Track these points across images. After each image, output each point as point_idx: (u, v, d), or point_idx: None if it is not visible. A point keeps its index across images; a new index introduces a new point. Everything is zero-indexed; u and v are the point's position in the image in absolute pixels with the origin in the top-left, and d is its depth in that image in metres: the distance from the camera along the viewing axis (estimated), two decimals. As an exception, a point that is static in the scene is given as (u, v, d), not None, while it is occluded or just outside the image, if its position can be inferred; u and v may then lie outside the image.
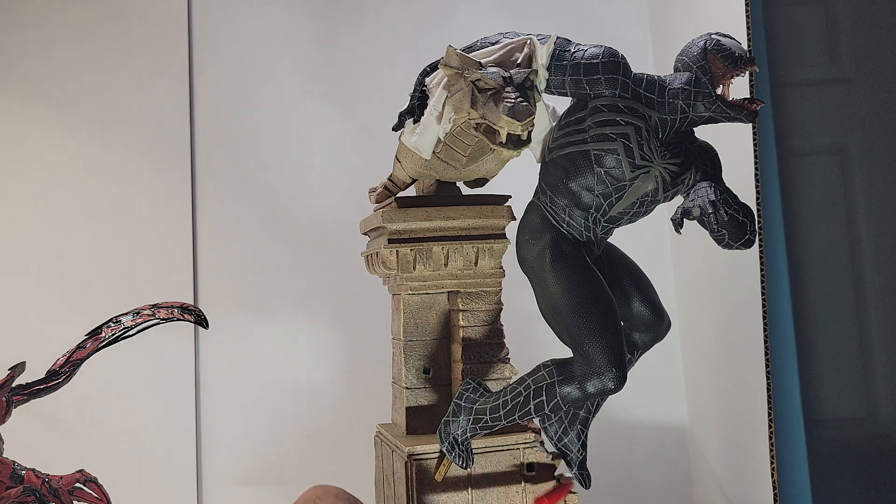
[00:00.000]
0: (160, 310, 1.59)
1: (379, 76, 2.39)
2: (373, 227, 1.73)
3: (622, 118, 1.33)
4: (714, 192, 1.32)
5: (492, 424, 1.45)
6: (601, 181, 1.36)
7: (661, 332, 1.57)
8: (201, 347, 2.24)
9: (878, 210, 1.83)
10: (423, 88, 1.46)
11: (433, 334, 1.67)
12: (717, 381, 2.14)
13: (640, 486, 2.36)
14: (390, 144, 1.72)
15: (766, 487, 1.72)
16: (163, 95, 2.32)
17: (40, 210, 2.23)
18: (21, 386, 1.54)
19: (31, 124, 2.26)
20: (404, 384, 1.64)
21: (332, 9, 2.43)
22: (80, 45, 2.29)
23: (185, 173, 2.31)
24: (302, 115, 2.39)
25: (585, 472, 1.59)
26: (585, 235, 1.43)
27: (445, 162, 1.53)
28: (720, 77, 1.32)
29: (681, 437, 2.39)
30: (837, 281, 1.84)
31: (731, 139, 1.68)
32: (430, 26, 2.43)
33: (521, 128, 1.21)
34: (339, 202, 2.33)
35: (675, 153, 1.37)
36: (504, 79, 1.25)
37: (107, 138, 2.28)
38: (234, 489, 2.21)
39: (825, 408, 1.82)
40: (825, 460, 1.75)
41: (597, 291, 1.37)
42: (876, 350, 1.81)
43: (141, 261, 2.25)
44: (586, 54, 1.34)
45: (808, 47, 1.90)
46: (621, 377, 1.32)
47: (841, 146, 1.87)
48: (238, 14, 2.39)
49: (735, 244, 1.36)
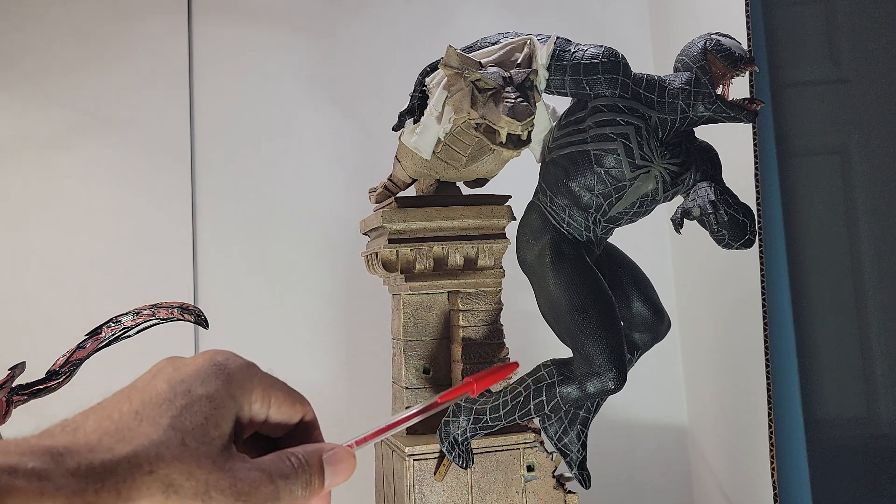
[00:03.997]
0: (160, 310, 1.59)
1: (379, 76, 2.39)
2: (373, 227, 1.73)
3: (622, 118, 1.33)
4: (714, 192, 1.32)
5: (492, 424, 1.45)
6: (601, 181, 1.36)
7: (661, 332, 1.57)
8: (201, 347, 2.24)
9: (878, 210, 1.83)
10: (423, 88, 1.46)
11: (433, 334, 1.67)
12: (717, 381, 2.14)
13: (640, 486, 2.36)
14: (390, 144, 1.72)
15: (766, 487, 1.72)
16: (163, 95, 2.32)
17: (40, 210, 2.23)
18: (21, 386, 1.53)
19: (31, 124, 2.26)
20: (404, 384, 1.64)
21: (332, 9, 2.43)
22: (80, 45, 2.29)
23: (185, 173, 2.31)
24: (302, 115, 2.39)
25: (585, 472, 1.59)
26: (585, 235, 1.43)
27: (445, 162, 1.53)
28: (720, 77, 1.32)
29: (681, 437, 2.38)
30: (837, 281, 1.84)
31: (731, 139, 1.68)
32: (430, 26, 2.43)
33: (521, 128, 1.21)
34: (339, 202, 2.33)
35: (675, 153, 1.37)
36: (504, 79, 1.25)
37: (107, 138, 2.28)
38: (234, 489, 2.21)
39: (825, 408, 1.82)
40: (825, 460, 1.75)
41: (597, 291, 1.37)
42: (876, 350, 1.81)
43: (141, 261, 2.25)
44: (586, 54, 1.34)
45: (808, 47, 1.90)
46: (621, 377, 1.32)
47: (841, 146, 1.87)
48: (238, 14, 2.39)
49: (735, 244, 1.36)
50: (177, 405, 0.35)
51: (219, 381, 0.37)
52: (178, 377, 0.37)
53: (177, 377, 0.37)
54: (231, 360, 0.39)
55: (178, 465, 0.33)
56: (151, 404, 0.35)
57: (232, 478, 0.34)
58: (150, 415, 0.35)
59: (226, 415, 0.36)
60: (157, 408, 0.35)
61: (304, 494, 0.37)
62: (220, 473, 0.34)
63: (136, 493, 0.32)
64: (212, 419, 0.36)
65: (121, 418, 0.35)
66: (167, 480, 0.33)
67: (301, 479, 0.37)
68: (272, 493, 0.36)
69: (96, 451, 0.33)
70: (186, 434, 0.34)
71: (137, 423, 0.34)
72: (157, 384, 0.37)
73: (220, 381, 0.37)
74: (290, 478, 0.37)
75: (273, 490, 0.36)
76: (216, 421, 0.36)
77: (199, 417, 0.35)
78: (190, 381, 0.37)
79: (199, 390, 0.36)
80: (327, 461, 0.39)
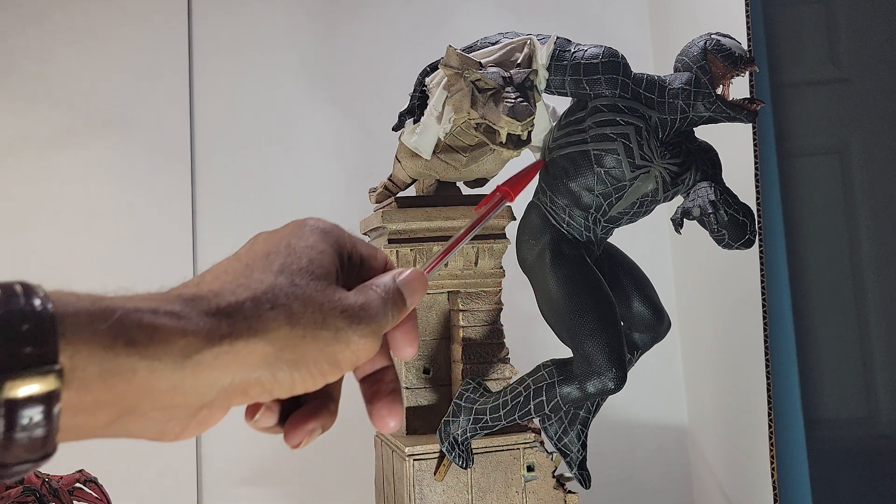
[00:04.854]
0: (160, 310, 1.59)
1: (379, 76, 2.39)
2: (373, 227, 1.73)
3: (622, 118, 1.33)
4: (714, 192, 1.33)
5: (492, 424, 1.45)
6: (601, 181, 1.36)
7: (661, 332, 1.57)
8: (201, 347, 2.24)
9: (878, 210, 1.83)
10: (423, 88, 1.46)
11: (433, 334, 1.67)
12: (717, 381, 2.14)
13: (640, 486, 2.35)
14: (390, 144, 1.72)
15: (766, 487, 1.72)
16: (163, 95, 2.32)
17: (40, 210, 2.23)
18: (21, 386, 1.53)
19: (31, 124, 2.26)
20: (404, 384, 1.64)
21: (332, 9, 2.43)
22: (80, 45, 2.29)
23: (185, 173, 2.31)
24: (302, 114, 2.39)
25: (585, 472, 1.59)
26: (585, 235, 1.43)
27: (445, 162, 1.53)
28: (720, 77, 1.32)
29: (681, 437, 2.38)
30: (837, 281, 1.84)
31: (731, 139, 1.68)
32: (430, 26, 2.43)
33: (521, 128, 1.21)
34: (339, 202, 2.33)
35: (675, 153, 1.37)
36: (504, 79, 1.25)
37: (107, 138, 2.28)
38: (234, 489, 2.21)
39: (825, 408, 1.82)
40: (825, 460, 1.75)
41: (597, 291, 1.37)
42: (876, 350, 1.81)
43: (141, 261, 2.25)
44: (586, 54, 1.34)
45: (808, 47, 1.90)
46: (621, 377, 1.32)
47: (841, 146, 1.87)
48: (238, 14, 2.39)
49: (735, 244, 1.37)
50: (281, 255, 0.40)
51: (315, 235, 0.42)
52: (275, 238, 0.42)
53: (273, 238, 0.42)
54: (320, 221, 0.44)
55: (294, 299, 0.38)
56: (258, 258, 0.40)
57: (342, 305, 0.39)
58: (259, 265, 0.39)
59: (325, 258, 0.41)
60: (265, 259, 0.40)
61: (395, 313, 0.43)
62: (330, 302, 0.39)
63: (264, 325, 0.37)
64: (315, 261, 0.40)
65: (235, 272, 0.39)
66: (288, 312, 0.37)
67: (389, 301, 0.42)
68: (374, 313, 0.41)
69: (221, 295, 0.37)
70: (294, 275, 0.39)
71: (250, 272, 0.39)
72: (257, 246, 0.41)
73: (315, 234, 0.42)
74: (383, 301, 0.42)
75: (375, 311, 0.41)
76: (320, 262, 0.41)
77: (303, 261, 0.40)
78: (287, 237, 0.42)
79: (298, 242, 0.41)
80: (400, 283, 0.44)
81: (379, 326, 0.41)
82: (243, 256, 0.41)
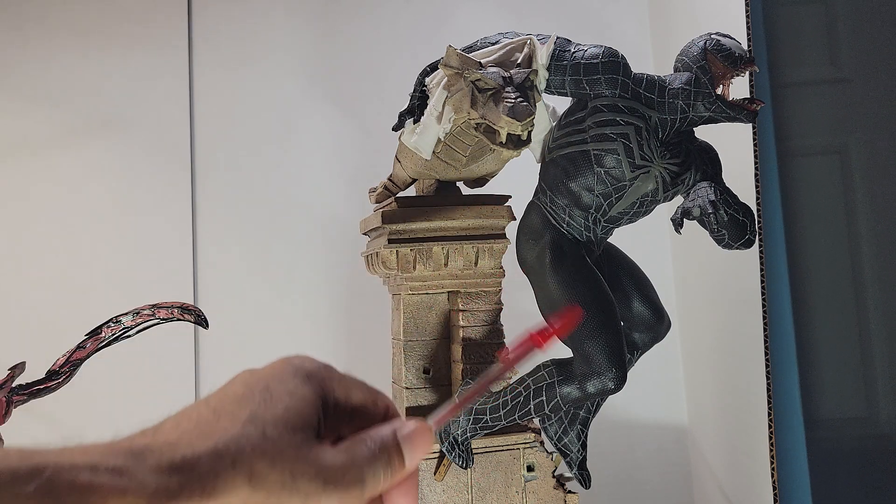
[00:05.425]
0: (160, 310, 1.59)
1: (379, 76, 2.39)
2: (373, 227, 1.73)
3: (622, 118, 1.33)
4: (714, 192, 1.32)
5: (492, 424, 1.45)
6: (601, 181, 1.36)
7: (661, 332, 1.57)
8: (201, 348, 2.24)
9: (878, 210, 1.83)
10: (423, 88, 1.46)
11: (433, 334, 1.67)
12: (717, 381, 2.14)
13: (640, 486, 2.36)
14: (390, 144, 1.72)
15: (766, 487, 1.72)
16: (163, 95, 2.32)
17: (40, 210, 2.23)
18: (21, 386, 1.53)
19: (31, 124, 2.26)
20: (404, 384, 1.64)
21: (332, 9, 2.43)
22: (80, 45, 2.29)
23: (185, 173, 2.31)
24: (302, 115, 2.39)
25: (585, 472, 1.59)
26: (585, 235, 1.43)
27: (445, 162, 1.53)
28: (720, 77, 1.32)
29: (681, 437, 2.38)
30: (837, 281, 1.84)
31: (731, 139, 1.68)
32: (430, 26, 2.43)
33: (521, 128, 1.21)
34: (339, 202, 2.33)
35: (675, 153, 1.38)
36: (504, 79, 1.25)
37: (107, 138, 2.28)
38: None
39: (825, 408, 1.82)
40: (825, 460, 1.75)
41: (597, 292, 1.37)
42: (876, 350, 1.81)
43: (141, 261, 2.25)
44: (586, 54, 1.34)
45: (808, 47, 1.90)
46: (621, 377, 1.32)
47: (841, 146, 1.87)
48: (238, 14, 2.39)
49: (735, 244, 1.37)
50: (255, 400, 0.35)
51: (297, 378, 0.37)
52: (255, 378, 0.37)
53: (253, 378, 0.37)
54: (307, 360, 0.38)
55: (261, 455, 0.33)
56: (229, 402, 0.35)
57: (317, 465, 0.34)
58: (228, 411, 0.34)
59: (306, 406, 0.36)
60: (236, 404, 0.35)
61: (388, 475, 0.36)
62: (304, 462, 0.33)
63: (221, 486, 0.32)
64: (292, 409, 0.35)
65: (199, 417, 0.34)
66: (251, 472, 0.32)
67: (381, 461, 0.36)
68: (357, 477, 0.35)
69: (177, 448, 0.32)
70: (267, 425, 0.34)
71: (216, 419, 0.34)
72: (234, 387, 0.37)
73: (298, 377, 0.37)
74: (372, 460, 0.36)
75: (358, 474, 0.35)
76: (297, 410, 0.35)
77: (279, 409, 0.35)
78: (267, 379, 0.36)
79: (277, 386, 0.36)
80: (403, 439, 0.38)
81: (361, 492, 0.35)
82: (214, 399, 0.36)
